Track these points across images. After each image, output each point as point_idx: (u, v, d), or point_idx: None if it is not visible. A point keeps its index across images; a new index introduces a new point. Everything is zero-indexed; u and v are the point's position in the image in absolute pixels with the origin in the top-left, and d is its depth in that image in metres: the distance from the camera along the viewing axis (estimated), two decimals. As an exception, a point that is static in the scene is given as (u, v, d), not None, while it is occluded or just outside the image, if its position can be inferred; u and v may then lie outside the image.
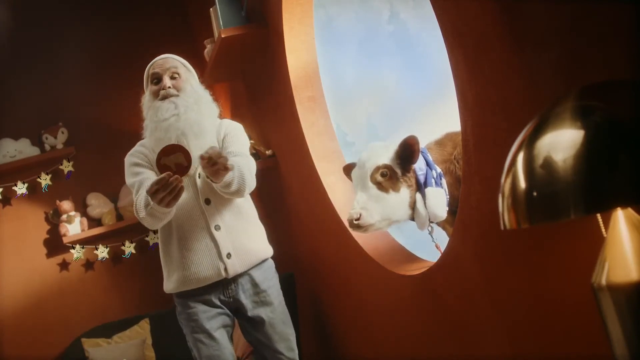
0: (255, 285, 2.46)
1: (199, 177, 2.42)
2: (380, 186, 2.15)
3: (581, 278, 1.38)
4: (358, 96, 4.05)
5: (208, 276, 2.40)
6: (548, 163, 1.06)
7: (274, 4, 3.05)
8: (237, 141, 2.50)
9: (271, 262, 2.57)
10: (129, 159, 2.49)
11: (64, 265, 4.55)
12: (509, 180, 1.13)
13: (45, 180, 4.49)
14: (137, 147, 2.52)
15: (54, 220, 4.51)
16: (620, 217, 1.11)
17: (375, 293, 2.77)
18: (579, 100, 1.11)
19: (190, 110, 2.40)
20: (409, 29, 4.34)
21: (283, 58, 3.07)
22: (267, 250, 2.55)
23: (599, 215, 1.19)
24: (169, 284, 2.47)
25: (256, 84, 3.72)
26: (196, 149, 2.35)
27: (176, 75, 2.46)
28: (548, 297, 1.63)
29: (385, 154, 2.19)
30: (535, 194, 1.07)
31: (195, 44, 4.70)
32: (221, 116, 2.59)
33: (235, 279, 2.44)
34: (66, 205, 4.43)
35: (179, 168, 2.15)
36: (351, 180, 2.36)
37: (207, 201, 2.42)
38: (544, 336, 1.69)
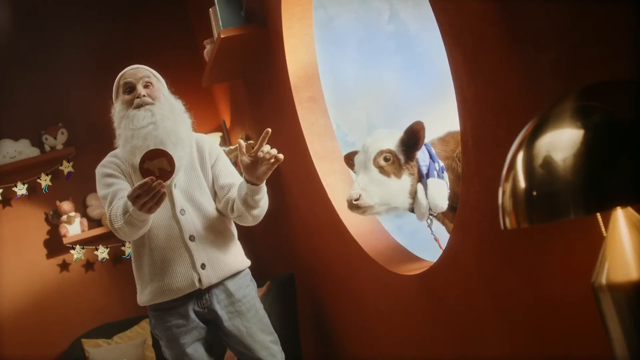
0: (229, 295, 2.43)
1: (175, 186, 2.39)
2: (382, 170, 2.18)
3: (581, 278, 1.38)
4: (358, 96, 4.06)
5: (182, 287, 2.36)
6: (548, 163, 1.06)
7: (273, 4, 3.04)
8: (231, 170, 2.51)
9: (247, 272, 2.54)
10: (100, 170, 2.44)
11: (64, 266, 4.55)
12: (508, 180, 1.13)
13: (45, 180, 4.49)
14: (109, 157, 2.48)
15: (54, 220, 4.51)
16: (620, 216, 1.11)
17: (375, 293, 2.77)
18: (579, 100, 1.11)
19: (166, 119, 2.36)
20: (409, 29, 4.34)
21: (282, 58, 3.07)
22: (243, 262, 2.52)
23: (599, 215, 1.19)
24: (143, 296, 2.43)
25: (256, 84, 3.72)
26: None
27: (149, 84, 2.43)
28: (548, 297, 1.63)
29: (390, 140, 2.22)
30: (535, 193, 1.07)
31: (195, 44, 4.70)
32: (194, 127, 2.55)
33: (210, 289, 2.40)
34: (66, 205, 4.43)
35: (162, 173, 2.10)
36: (351, 168, 2.38)
37: (182, 211, 2.39)
38: (544, 336, 1.68)
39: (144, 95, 2.39)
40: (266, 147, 2.24)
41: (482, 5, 1.62)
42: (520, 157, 1.12)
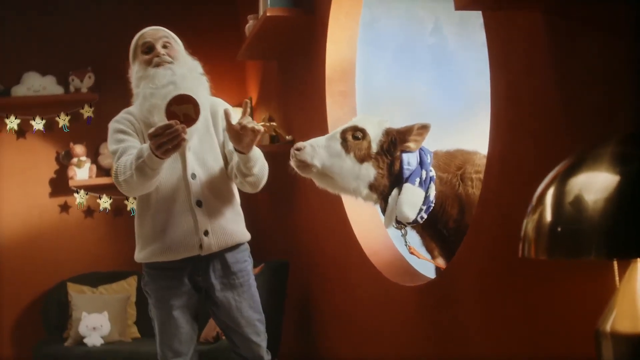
0: (226, 266, 2.44)
1: (189, 149, 2.40)
2: (344, 143, 2.02)
3: (582, 321, 1.38)
4: (386, 101, 4.05)
5: (182, 250, 2.37)
6: (578, 201, 1.05)
7: (325, -6, 3.04)
8: None
9: (246, 246, 2.55)
10: (113, 125, 2.43)
11: (65, 208, 4.58)
12: (536, 212, 1.13)
13: (63, 120, 4.51)
14: (123, 114, 2.47)
15: (64, 161, 4.54)
16: (639, 267, 1.11)
17: (369, 299, 2.76)
18: (620, 146, 1.11)
19: (186, 79, 2.36)
20: (448, 45, 4.33)
21: (323, 48, 3.06)
22: (244, 235, 2.53)
23: (615, 262, 1.19)
24: (142, 253, 2.44)
25: (290, 67, 3.72)
26: None
27: (168, 44, 2.42)
28: (545, 333, 1.63)
29: (376, 126, 2.06)
30: (559, 229, 1.07)
31: (236, 16, 4.70)
32: (212, 92, 2.54)
33: (208, 257, 2.42)
34: (79, 149, 4.45)
35: (187, 119, 2.13)
36: None
37: (193, 175, 2.40)
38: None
39: (163, 54, 2.38)
40: (245, 119, 2.21)
41: (535, 33, 1.61)
42: (551, 191, 1.11)
